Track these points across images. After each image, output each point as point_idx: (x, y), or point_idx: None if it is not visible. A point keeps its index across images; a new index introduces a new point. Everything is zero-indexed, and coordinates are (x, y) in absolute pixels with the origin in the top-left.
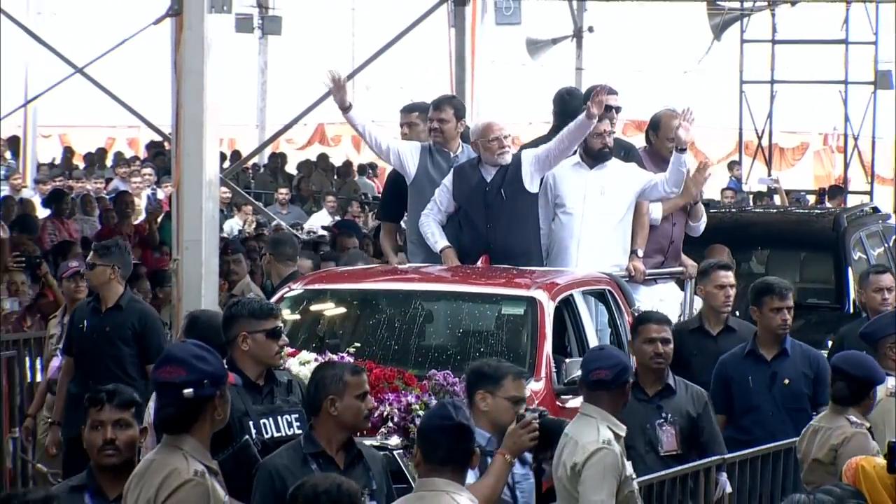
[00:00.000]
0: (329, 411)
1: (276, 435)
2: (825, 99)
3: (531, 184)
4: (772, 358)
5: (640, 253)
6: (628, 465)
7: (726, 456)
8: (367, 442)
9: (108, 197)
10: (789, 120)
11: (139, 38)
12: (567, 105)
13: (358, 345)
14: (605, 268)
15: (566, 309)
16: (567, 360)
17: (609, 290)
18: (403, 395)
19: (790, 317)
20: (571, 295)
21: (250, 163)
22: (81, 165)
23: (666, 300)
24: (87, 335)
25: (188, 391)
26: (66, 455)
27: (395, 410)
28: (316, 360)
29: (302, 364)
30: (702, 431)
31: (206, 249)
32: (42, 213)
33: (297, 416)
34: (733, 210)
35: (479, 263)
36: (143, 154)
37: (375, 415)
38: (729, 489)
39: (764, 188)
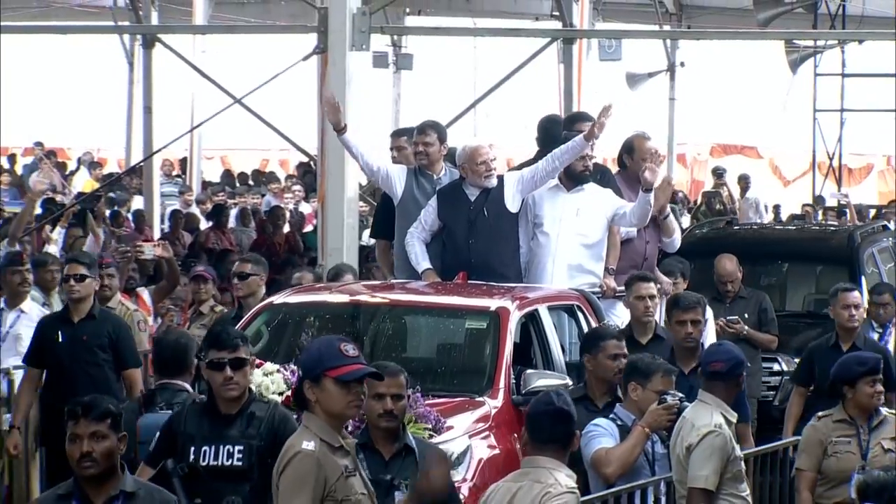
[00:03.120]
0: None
1: (212, 463)
2: (889, 125)
3: (513, 204)
4: (689, 371)
5: (612, 270)
6: (737, 447)
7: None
8: None
9: (262, 210)
10: (857, 143)
11: (290, 73)
12: (549, 132)
13: None
14: (579, 285)
15: (531, 323)
16: (526, 371)
17: (578, 306)
18: None
19: (695, 330)
20: (536, 310)
21: None
22: (238, 184)
23: None
24: (63, 346)
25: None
26: (48, 467)
27: None
28: (279, 370)
29: (266, 374)
30: None
31: (347, 256)
32: (203, 225)
33: (242, 448)
34: (755, 226)
35: (456, 280)
36: (292, 173)
37: None
38: None
39: (835, 202)
